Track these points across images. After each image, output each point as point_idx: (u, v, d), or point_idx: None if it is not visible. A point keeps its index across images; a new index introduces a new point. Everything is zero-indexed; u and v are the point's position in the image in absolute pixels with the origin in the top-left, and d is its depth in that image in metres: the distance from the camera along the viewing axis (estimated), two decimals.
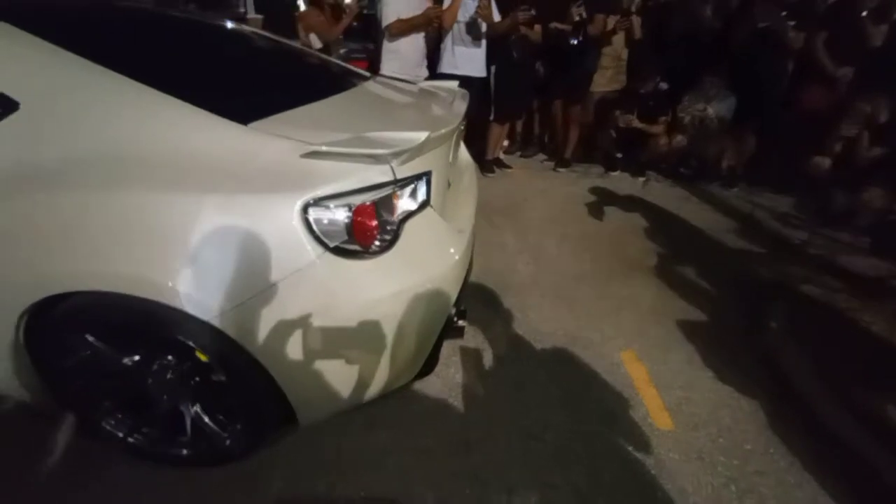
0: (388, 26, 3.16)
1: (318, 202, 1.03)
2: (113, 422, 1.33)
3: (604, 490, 1.38)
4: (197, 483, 1.31)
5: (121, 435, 1.32)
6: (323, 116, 1.32)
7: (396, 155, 1.10)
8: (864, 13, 3.46)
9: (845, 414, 1.72)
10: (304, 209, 1.02)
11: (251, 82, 1.43)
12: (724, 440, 1.58)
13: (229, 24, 1.86)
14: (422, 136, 1.10)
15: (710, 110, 4.04)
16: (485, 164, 4.01)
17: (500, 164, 4.22)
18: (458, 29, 3.39)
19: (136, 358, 1.22)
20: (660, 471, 1.45)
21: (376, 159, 1.09)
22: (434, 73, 3.49)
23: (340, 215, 1.05)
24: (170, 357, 1.21)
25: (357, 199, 1.07)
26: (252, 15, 4.13)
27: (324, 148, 1.04)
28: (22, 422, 1.41)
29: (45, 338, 1.16)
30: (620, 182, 4.16)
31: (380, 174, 1.10)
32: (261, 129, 1.10)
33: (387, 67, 3.26)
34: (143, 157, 1.03)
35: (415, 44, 3.32)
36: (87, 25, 1.32)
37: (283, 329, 1.06)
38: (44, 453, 1.35)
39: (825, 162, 3.74)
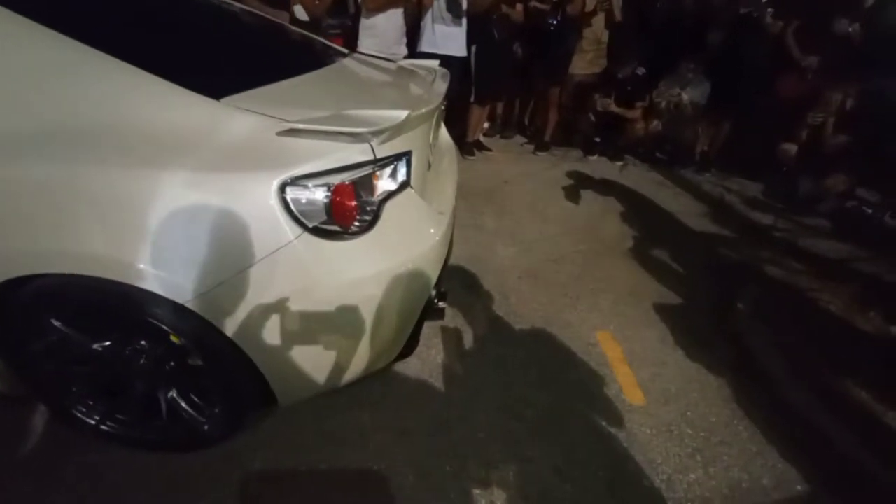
0: (364, 1, 3.07)
1: (296, 181, 1.01)
2: (84, 409, 1.29)
3: (579, 463, 1.43)
4: (176, 466, 1.30)
5: (93, 422, 1.29)
6: (299, 93, 1.28)
7: (376, 133, 1.08)
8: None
9: (804, 388, 1.82)
10: (282, 188, 0.99)
11: (225, 56, 1.36)
12: (691, 413, 1.66)
13: None
14: (402, 114, 1.08)
15: (685, 96, 4.11)
16: (465, 146, 3.98)
17: (480, 146, 4.20)
18: (439, 6, 3.31)
19: (107, 343, 1.18)
20: (631, 443, 1.51)
21: (356, 138, 1.07)
22: (414, 52, 3.42)
23: (319, 195, 1.03)
24: (143, 341, 1.18)
25: (336, 179, 1.05)
26: None
27: (301, 125, 1.01)
28: None
29: (7, 322, 1.11)
30: (599, 166, 4.22)
31: (359, 153, 1.08)
32: (234, 105, 1.05)
33: (364, 45, 3.17)
34: (112, 132, 0.98)
35: (393, 20, 3.23)
36: None
37: (262, 311, 1.04)
38: (18, 442, 1.31)
39: (793, 148, 3.88)
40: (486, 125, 4.49)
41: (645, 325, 2.11)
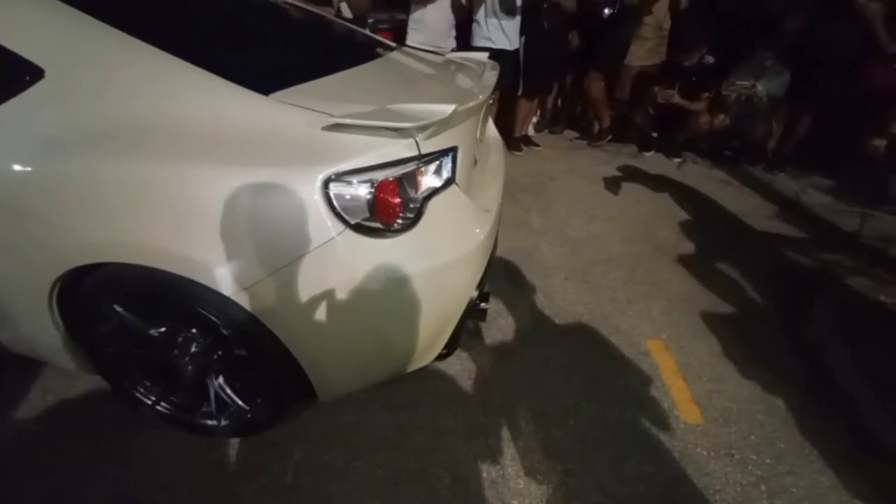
0: None
1: (340, 177, 1.00)
2: (143, 389, 1.37)
3: (625, 480, 1.34)
4: (223, 450, 1.35)
5: (150, 402, 1.37)
6: (346, 87, 1.27)
7: (421, 129, 1.05)
8: None
9: (888, 414, 1.61)
10: (325, 184, 0.99)
11: (273, 51, 1.38)
12: (755, 437, 1.50)
13: None
14: (448, 108, 1.04)
15: (760, 87, 3.75)
16: (512, 141, 3.88)
17: (528, 141, 4.08)
18: (492, 2, 3.21)
19: (163, 329, 1.24)
20: (685, 465, 1.40)
21: (400, 133, 1.04)
22: (466, 47, 3.36)
23: (362, 191, 1.01)
24: (194, 330, 1.23)
25: (380, 175, 1.02)
26: None
27: (346, 120, 1.00)
28: (65, 386, 1.48)
29: (76, 307, 1.19)
30: (654, 163, 3.96)
31: (404, 149, 1.05)
32: (282, 100, 1.06)
33: (412, 38, 3.16)
34: (164, 127, 1.01)
35: (441, 14, 3.20)
36: None
37: (302, 306, 1.04)
38: (84, 414, 1.41)
39: (883, 144, 3.45)
40: (535, 120, 4.35)
41: (702, 335, 1.95)
